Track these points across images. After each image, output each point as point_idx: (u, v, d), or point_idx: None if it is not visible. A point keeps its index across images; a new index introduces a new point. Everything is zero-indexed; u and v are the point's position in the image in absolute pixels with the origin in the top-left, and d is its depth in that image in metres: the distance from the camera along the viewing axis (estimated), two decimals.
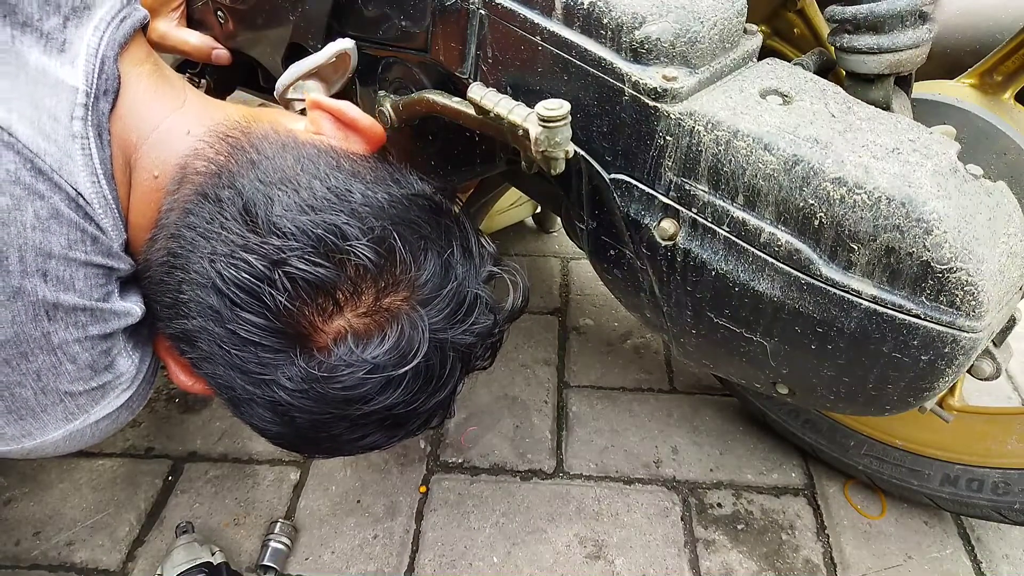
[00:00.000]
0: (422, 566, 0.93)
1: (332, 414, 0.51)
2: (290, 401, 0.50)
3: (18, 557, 0.93)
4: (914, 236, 0.53)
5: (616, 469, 1.05)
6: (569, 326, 1.30)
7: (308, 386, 0.50)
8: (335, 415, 0.52)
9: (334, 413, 0.51)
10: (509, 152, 0.75)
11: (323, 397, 0.50)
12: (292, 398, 0.50)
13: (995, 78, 0.72)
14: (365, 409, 0.51)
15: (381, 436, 0.55)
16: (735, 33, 0.63)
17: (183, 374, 0.59)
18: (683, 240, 0.63)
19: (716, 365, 0.76)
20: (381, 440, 0.56)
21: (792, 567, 0.94)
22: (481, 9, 0.67)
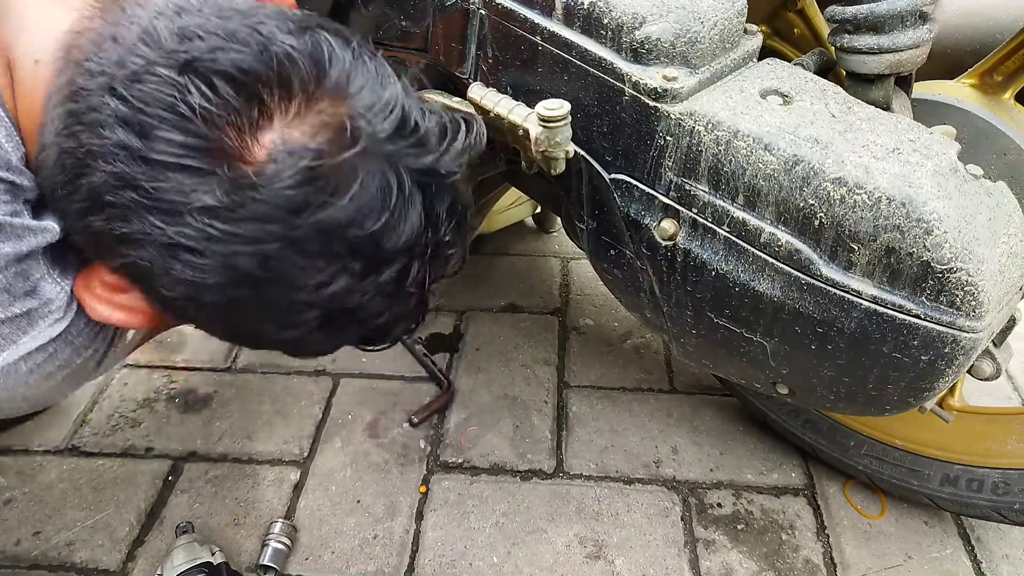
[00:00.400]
0: (422, 566, 0.93)
1: (276, 237, 0.44)
2: (225, 228, 0.43)
3: (18, 557, 0.93)
4: (914, 236, 0.53)
5: (616, 469, 1.05)
6: (569, 326, 1.30)
7: (240, 197, 0.43)
8: (281, 240, 0.44)
9: (278, 234, 0.44)
10: (509, 152, 0.75)
11: (260, 211, 0.43)
12: (227, 222, 0.43)
13: (995, 78, 0.72)
14: (314, 218, 0.44)
15: (347, 280, 0.47)
16: (735, 33, 0.63)
17: (103, 297, 0.51)
18: (683, 240, 0.63)
19: (716, 365, 0.76)
20: (351, 285, 0.48)
21: (792, 567, 0.94)
22: (481, 9, 0.67)
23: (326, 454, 1.06)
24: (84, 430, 1.09)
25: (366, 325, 0.53)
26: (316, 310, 0.49)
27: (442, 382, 1.16)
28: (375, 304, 0.51)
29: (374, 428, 1.10)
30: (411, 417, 1.10)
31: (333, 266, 0.47)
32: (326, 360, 1.21)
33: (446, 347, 1.25)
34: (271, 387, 1.17)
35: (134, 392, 1.15)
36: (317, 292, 0.47)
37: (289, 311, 0.49)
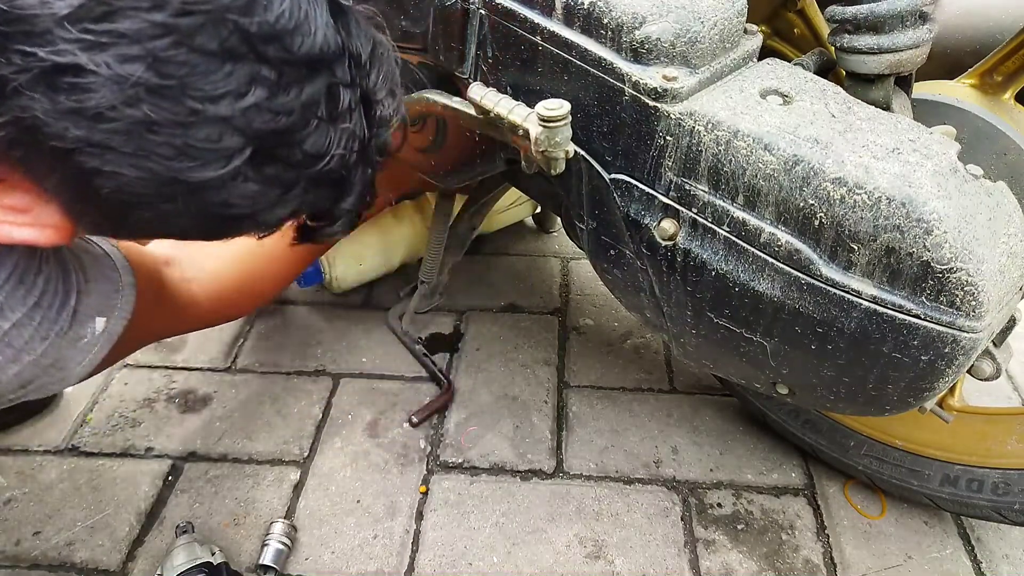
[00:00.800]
0: (422, 566, 0.93)
1: (163, 29, 0.39)
2: (99, 28, 0.38)
3: (18, 557, 0.93)
4: (914, 236, 0.53)
5: (616, 469, 1.05)
6: (569, 326, 1.30)
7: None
8: (169, 32, 0.39)
9: (162, 24, 0.39)
10: (509, 152, 0.75)
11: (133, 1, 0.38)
12: (99, 21, 0.38)
13: (995, 78, 0.72)
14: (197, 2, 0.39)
15: (263, 92, 0.42)
16: (735, 33, 0.63)
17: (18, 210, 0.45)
18: (683, 240, 0.63)
19: (716, 365, 0.76)
20: (269, 101, 0.42)
21: (792, 567, 0.94)
22: (481, 9, 0.67)
23: (326, 454, 1.06)
24: (84, 430, 1.09)
25: (304, 172, 0.47)
26: (238, 136, 0.42)
27: (442, 382, 1.16)
28: (309, 138, 0.45)
29: (374, 428, 1.10)
30: (411, 417, 1.10)
31: (240, 71, 0.41)
32: (326, 360, 1.21)
33: (446, 347, 1.25)
34: (271, 387, 1.17)
35: (134, 392, 1.15)
36: (232, 105, 0.41)
37: (207, 133, 0.42)
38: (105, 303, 0.60)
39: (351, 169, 0.50)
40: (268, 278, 0.89)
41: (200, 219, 0.46)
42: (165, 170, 0.42)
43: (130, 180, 0.42)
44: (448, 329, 1.29)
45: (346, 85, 0.46)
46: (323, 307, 1.33)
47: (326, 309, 1.32)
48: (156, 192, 0.43)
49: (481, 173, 0.82)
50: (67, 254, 0.57)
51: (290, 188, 0.47)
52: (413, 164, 0.90)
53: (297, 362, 1.21)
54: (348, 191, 0.52)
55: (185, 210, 0.44)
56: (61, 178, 0.42)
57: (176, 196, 0.43)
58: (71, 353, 0.58)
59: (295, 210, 0.49)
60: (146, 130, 0.40)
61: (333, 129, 0.47)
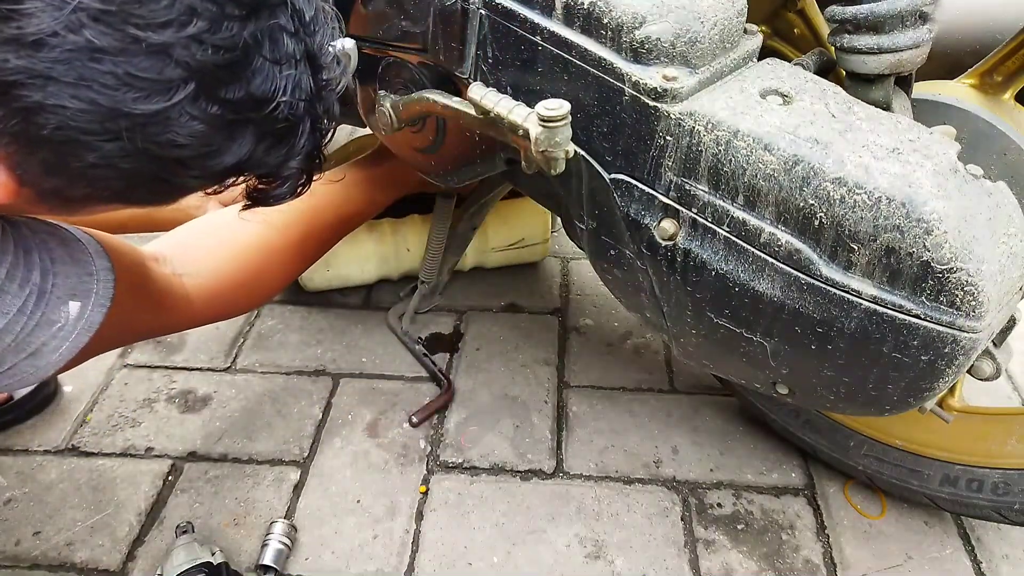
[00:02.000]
0: (422, 566, 0.93)
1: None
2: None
3: (18, 557, 0.93)
4: (914, 236, 0.53)
5: (616, 469, 1.05)
6: (569, 326, 1.30)
7: None
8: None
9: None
10: (509, 152, 0.75)
11: None
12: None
13: (995, 78, 0.72)
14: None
15: (201, 24, 0.41)
16: (735, 33, 0.63)
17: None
18: (683, 240, 0.63)
19: (716, 365, 0.76)
20: (203, 30, 0.41)
21: (792, 567, 0.94)
22: (481, 9, 0.67)
23: (326, 454, 1.06)
24: (84, 430, 1.09)
25: (249, 116, 0.46)
26: (180, 68, 0.41)
27: (442, 382, 1.16)
28: (254, 79, 0.44)
29: (374, 428, 1.10)
30: (411, 417, 1.10)
31: (182, 1, 0.40)
32: (326, 360, 1.21)
33: (446, 347, 1.25)
34: (271, 387, 1.17)
35: (134, 392, 1.15)
36: (174, 34, 0.40)
37: (149, 63, 0.40)
38: (78, 285, 0.58)
39: (298, 123, 0.50)
40: (266, 276, 0.88)
41: (145, 163, 0.44)
42: (108, 100, 0.41)
43: (73, 113, 0.40)
44: (448, 329, 1.29)
45: (290, 33, 0.46)
46: (323, 307, 1.33)
47: (326, 309, 1.32)
48: (100, 128, 0.41)
49: (481, 173, 0.82)
50: (27, 233, 0.56)
51: (236, 133, 0.47)
52: (413, 164, 0.90)
53: (297, 362, 1.21)
54: (295, 149, 0.51)
55: (130, 150, 0.43)
56: (1, 118, 0.41)
57: (120, 132, 0.42)
58: (44, 338, 0.56)
59: (242, 162, 0.48)
60: (88, 58, 0.39)
61: (278, 73, 0.46)
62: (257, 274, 0.86)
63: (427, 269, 1.19)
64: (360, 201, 1.00)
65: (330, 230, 0.96)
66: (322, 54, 0.50)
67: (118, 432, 1.09)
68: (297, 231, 0.90)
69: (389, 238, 1.27)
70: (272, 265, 0.88)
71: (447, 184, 0.88)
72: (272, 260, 0.87)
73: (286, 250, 0.88)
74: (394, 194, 1.04)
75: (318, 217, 0.93)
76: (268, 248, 0.86)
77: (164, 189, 0.49)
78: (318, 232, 0.94)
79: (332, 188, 0.96)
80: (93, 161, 0.43)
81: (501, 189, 1.12)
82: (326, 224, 0.95)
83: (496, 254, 1.34)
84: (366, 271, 1.30)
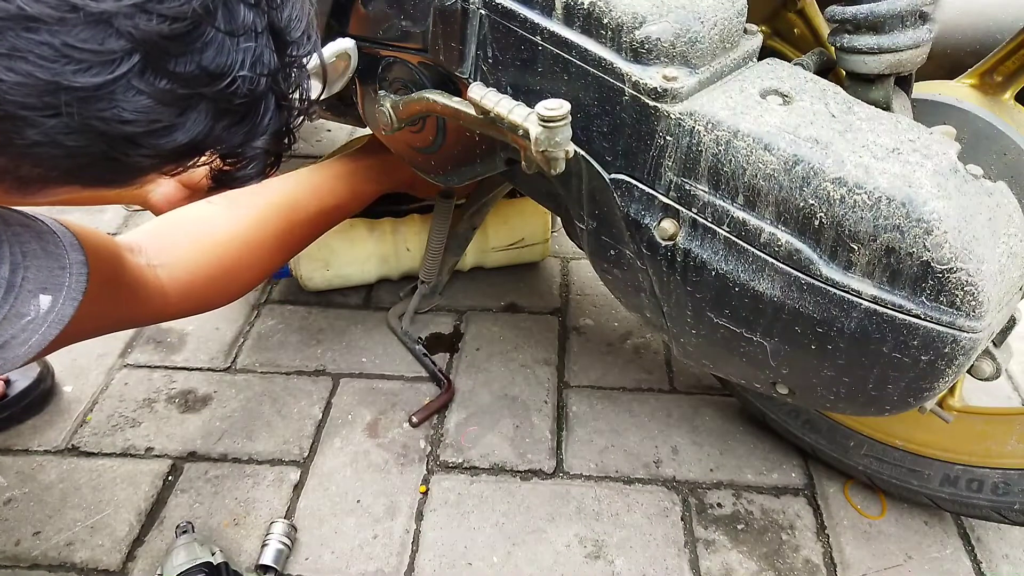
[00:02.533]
0: (422, 566, 0.93)
1: None
2: None
3: (18, 557, 0.93)
4: (914, 236, 0.53)
5: (616, 469, 1.05)
6: (569, 326, 1.30)
7: None
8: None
9: None
10: (509, 152, 0.75)
11: None
12: None
13: (995, 78, 0.72)
14: None
15: None
16: (735, 33, 0.63)
17: None
18: (683, 240, 0.63)
19: (716, 365, 0.76)
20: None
21: (792, 567, 0.94)
22: (481, 9, 0.67)
23: (326, 454, 1.06)
24: (84, 430, 1.09)
25: (203, 91, 0.44)
26: (123, 39, 0.39)
27: (442, 382, 1.16)
28: (206, 52, 0.42)
29: (374, 428, 1.10)
30: (411, 417, 1.10)
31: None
32: (326, 360, 1.21)
33: (446, 347, 1.25)
34: (271, 387, 1.17)
35: (134, 392, 1.15)
36: (115, 3, 0.39)
37: (89, 33, 0.39)
38: (49, 279, 0.57)
39: (259, 100, 0.47)
40: (243, 269, 0.86)
41: (92, 140, 0.42)
42: (45, 73, 0.39)
43: (9, 87, 0.38)
44: (448, 329, 1.29)
45: (248, 5, 0.44)
46: (323, 307, 1.33)
47: (326, 309, 1.32)
48: (39, 102, 0.39)
49: (481, 173, 0.82)
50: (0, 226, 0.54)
51: (188, 108, 0.44)
52: (413, 164, 0.90)
53: (297, 362, 1.21)
54: (258, 128, 0.49)
55: (74, 126, 0.41)
56: None
57: (60, 107, 0.40)
58: (13, 331, 0.54)
59: (198, 141, 0.46)
60: (22, 28, 0.37)
61: (234, 46, 0.44)
62: (234, 268, 0.84)
63: (427, 269, 1.19)
64: (344, 194, 0.98)
65: (310, 224, 0.95)
66: (290, 28, 0.47)
67: (118, 432, 1.09)
68: (276, 225, 0.88)
69: (389, 238, 1.27)
70: (250, 259, 0.86)
71: (447, 184, 0.88)
72: (250, 254, 0.86)
73: (264, 244, 0.87)
74: (381, 188, 1.03)
75: (298, 210, 0.91)
76: (246, 241, 0.84)
77: (116, 169, 0.46)
78: (298, 226, 0.92)
79: (314, 180, 0.94)
80: (36, 138, 0.41)
81: (501, 189, 1.12)
82: (307, 218, 0.93)
83: (496, 254, 1.34)
84: (366, 271, 1.30)
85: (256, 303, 1.33)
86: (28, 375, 1.10)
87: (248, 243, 0.85)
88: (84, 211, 1.54)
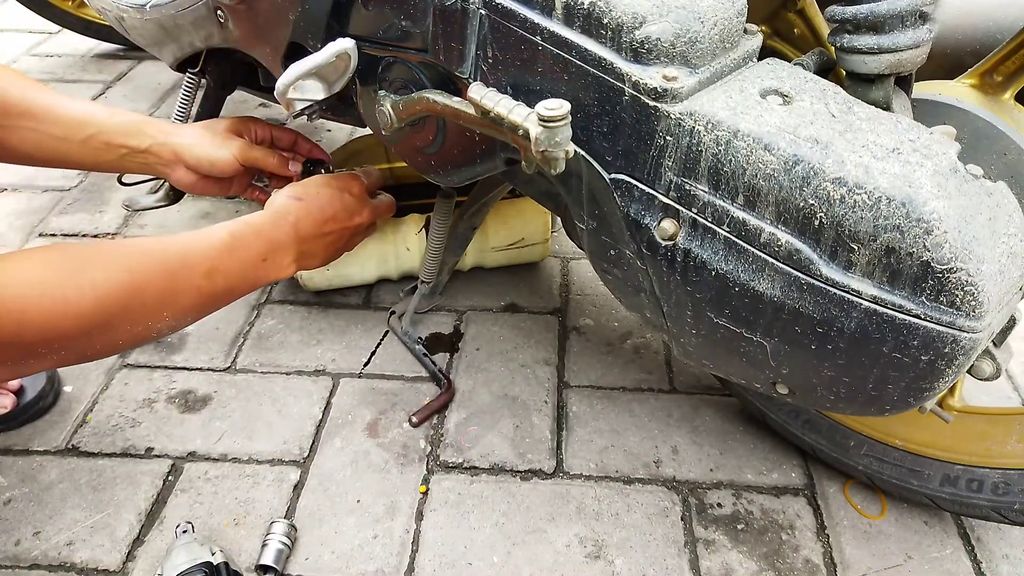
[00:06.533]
0: (422, 566, 0.93)
1: None
2: None
3: (18, 557, 0.93)
4: (914, 236, 0.53)
5: (616, 469, 1.05)
6: (569, 326, 1.30)
7: None
8: None
9: None
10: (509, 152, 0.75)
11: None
12: None
13: (995, 78, 0.72)
14: None
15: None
16: (735, 33, 0.63)
17: None
18: (683, 240, 0.63)
19: (716, 365, 0.76)
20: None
21: (792, 567, 0.94)
22: (481, 9, 0.67)
23: (326, 454, 1.06)
24: (84, 430, 1.09)
25: None
26: None
27: (442, 382, 1.16)
28: None
29: (374, 428, 1.10)
30: (411, 417, 1.10)
31: None
32: (326, 360, 1.21)
33: (446, 347, 1.25)
34: (271, 387, 1.17)
35: (134, 392, 1.15)
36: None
37: None
38: None
39: None
40: (51, 336, 0.64)
41: None
42: None
43: None
44: (448, 329, 1.29)
45: None
46: (323, 307, 1.33)
47: (326, 309, 1.32)
48: None
49: (481, 173, 0.82)
50: None
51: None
52: (413, 164, 0.90)
53: (297, 362, 1.21)
54: None
55: None
56: None
57: None
58: None
59: None
60: None
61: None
62: (40, 333, 0.64)
63: (427, 269, 1.19)
64: (234, 275, 0.80)
65: (156, 312, 0.72)
66: None
67: (118, 432, 1.09)
68: (109, 298, 0.68)
69: (389, 238, 1.27)
70: (56, 323, 0.64)
71: (447, 183, 0.88)
72: (58, 320, 0.64)
73: (79, 316, 0.65)
74: (301, 268, 0.90)
75: (142, 292, 0.70)
76: (49, 304, 0.63)
77: None
78: (138, 308, 0.70)
79: (188, 251, 0.76)
80: None
81: (501, 189, 1.12)
82: (151, 303, 0.71)
83: (496, 254, 1.34)
84: (366, 271, 1.30)
85: (256, 303, 1.33)
86: (35, 384, 1.10)
87: (53, 306, 0.64)
88: (84, 211, 1.54)
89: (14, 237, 1.47)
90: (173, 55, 1.16)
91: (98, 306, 0.66)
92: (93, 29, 2.04)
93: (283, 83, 0.82)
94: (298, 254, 0.88)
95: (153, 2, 1.09)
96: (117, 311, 0.68)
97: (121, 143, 0.94)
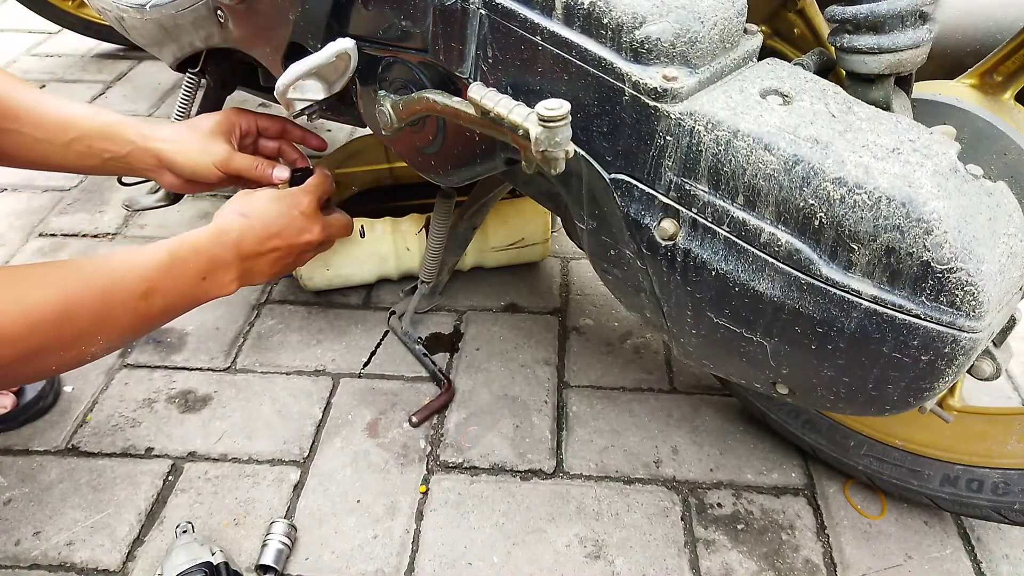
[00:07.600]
0: (422, 566, 0.93)
1: None
2: None
3: (18, 557, 0.93)
4: (914, 236, 0.53)
5: (616, 469, 1.05)
6: (569, 326, 1.30)
7: None
8: None
9: None
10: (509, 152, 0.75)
11: None
12: None
13: (995, 78, 0.72)
14: None
15: None
16: (735, 33, 0.63)
17: None
18: (683, 240, 0.63)
19: (716, 365, 0.76)
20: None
21: (792, 567, 0.94)
22: (481, 9, 0.67)
23: (326, 454, 1.06)
24: (84, 430, 1.09)
25: None
26: None
27: (442, 382, 1.16)
28: None
29: (374, 428, 1.10)
30: (411, 417, 1.10)
31: None
32: (326, 360, 1.21)
33: (446, 347, 1.25)
34: (271, 387, 1.17)
35: (134, 392, 1.15)
36: None
37: None
38: None
39: None
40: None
41: None
42: None
43: None
44: (448, 329, 1.29)
45: None
46: (323, 307, 1.33)
47: (326, 309, 1.32)
48: None
49: (481, 173, 0.82)
50: None
51: None
52: (413, 164, 0.90)
53: (297, 362, 1.21)
54: None
55: None
56: None
57: None
58: None
59: None
60: None
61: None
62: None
63: (427, 269, 1.19)
64: (172, 294, 0.79)
65: (90, 335, 0.71)
66: None
67: (118, 432, 1.09)
68: (41, 323, 0.65)
69: (389, 238, 1.27)
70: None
71: (447, 183, 0.88)
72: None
73: (13, 343, 0.63)
74: (245, 284, 0.89)
75: (74, 315, 0.68)
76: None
77: None
78: (70, 332, 0.68)
79: (125, 267, 0.74)
80: None
81: (501, 189, 1.12)
82: (84, 325, 0.70)
83: (496, 254, 1.34)
84: (366, 271, 1.30)
85: (256, 303, 1.33)
86: (35, 384, 1.10)
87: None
88: (84, 211, 1.54)
89: (14, 237, 1.47)
90: (173, 55, 1.17)
91: (31, 331, 0.64)
92: (93, 29, 2.04)
93: (283, 83, 0.82)
94: (240, 272, 0.87)
95: (153, 2, 1.09)
96: (51, 335, 0.66)
97: (102, 147, 0.92)
